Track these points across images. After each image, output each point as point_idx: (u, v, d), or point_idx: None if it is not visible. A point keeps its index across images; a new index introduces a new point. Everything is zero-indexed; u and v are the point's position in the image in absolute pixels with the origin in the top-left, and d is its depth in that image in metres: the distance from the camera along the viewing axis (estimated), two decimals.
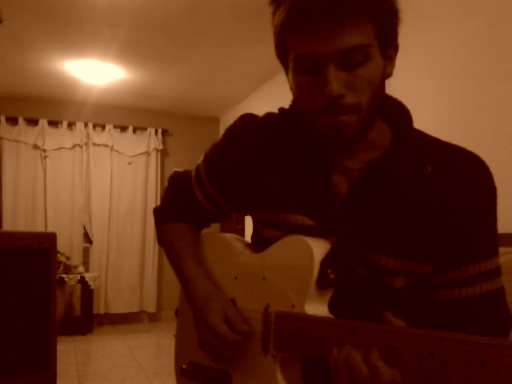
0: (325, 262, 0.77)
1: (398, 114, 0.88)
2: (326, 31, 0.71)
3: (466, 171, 0.82)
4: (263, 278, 0.85)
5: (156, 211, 1.08)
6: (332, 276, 0.76)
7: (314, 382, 0.82)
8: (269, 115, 0.95)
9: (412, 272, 0.80)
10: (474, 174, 0.82)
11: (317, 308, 0.78)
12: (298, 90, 0.80)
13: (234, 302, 0.90)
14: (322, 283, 0.77)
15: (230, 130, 0.96)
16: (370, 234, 0.79)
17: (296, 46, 0.75)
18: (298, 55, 0.75)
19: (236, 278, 0.91)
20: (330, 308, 0.79)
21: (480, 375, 0.57)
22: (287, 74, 0.84)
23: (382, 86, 0.80)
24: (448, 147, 0.85)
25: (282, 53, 0.82)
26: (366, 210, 0.80)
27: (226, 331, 0.82)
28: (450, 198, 0.80)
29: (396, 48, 0.81)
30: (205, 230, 1.08)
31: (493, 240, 0.83)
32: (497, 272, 0.82)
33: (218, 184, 0.97)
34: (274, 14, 0.79)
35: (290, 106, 0.90)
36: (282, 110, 0.92)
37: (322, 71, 0.74)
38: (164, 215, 1.06)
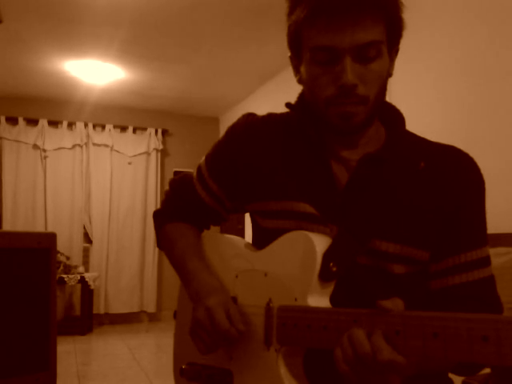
0: (327, 255, 0.79)
1: (393, 116, 0.93)
2: (349, 24, 0.77)
3: (456, 167, 0.87)
4: (265, 274, 0.86)
5: (156, 214, 1.09)
6: (334, 269, 0.79)
7: (315, 375, 0.83)
8: (270, 114, 1.00)
9: (411, 258, 0.84)
10: (464, 169, 0.87)
11: (319, 301, 0.79)
12: (311, 80, 0.84)
13: (235, 299, 0.90)
14: (325, 276, 0.79)
15: (233, 127, 1.00)
16: (370, 220, 0.83)
17: (317, 36, 0.79)
18: (317, 45, 0.80)
19: (237, 276, 0.92)
20: (332, 301, 0.81)
21: (483, 351, 0.58)
22: (298, 66, 0.88)
23: (386, 84, 0.86)
24: (438, 146, 0.91)
25: (297, 44, 0.85)
26: (366, 197, 0.84)
27: (223, 319, 0.83)
28: (443, 191, 0.85)
29: (396, 51, 0.87)
30: (204, 232, 1.08)
31: (483, 230, 0.88)
32: (487, 261, 0.87)
33: (221, 179, 0.99)
34: (292, 7, 0.83)
35: (297, 100, 0.94)
36: (288, 104, 0.95)
37: (338, 62, 0.79)
38: (165, 216, 1.06)
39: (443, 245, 0.85)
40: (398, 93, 2.89)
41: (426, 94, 2.93)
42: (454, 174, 0.86)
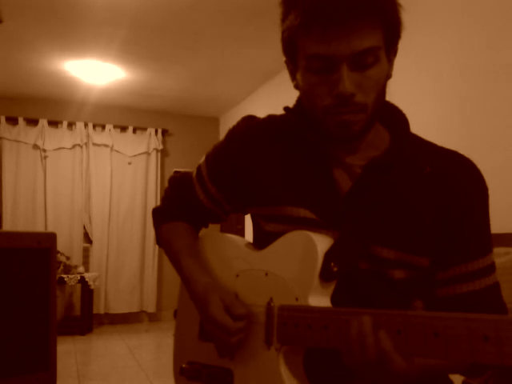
0: (328, 255, 0.79)
1: (396, 118, 0.91)
2: (346, 32, 0.74)
3: (461, 173, 0.86)
4: (266, 274, 0.86)
5: (155, 211, 1.09)
6: (335, 269, 0.78)
7: (316, 375, 0.83)
8: (270, 116, 0.99)
9: (411, 264, 0.83)
10: (468, 176, 0.86)
11: (320, 300, 0.79)
12: (307, 88, 0.82)
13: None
14: (326, 276, 0.79)
15: (233, 130, 1.00)
16: (371, 226, 0.82)
17: (312, 45, 0.77)
18: (312, 54, 0.77)
19: (238, 276, 0.92)
20: (333, 301, 0.81)
21: (484, 351, 0.58)
22: (294, 71, 0.86)
23: (385, 87, 0.84)
24: (443, 151, 0.90)
25: (291, 51, 0.83)
26: (369, 203, 0.83)
27: (227, 320, 0.83)
28: (447, 197, 0.84)
29: (395, 52, 0.85)
30: (204, 231, 1.08)
31: (488, 237, 0.87)
32: (492, 268, 0.86)
33: (220, 182, 0.99)
34: (285, 13, 0.81)
35: (295, 104, 0.93)
36: (287, 108, 0.94)
37: (334, 71, 0.77)
38: (163, 214, 1.06)
39: (448, 253, 0.84)
40: (395, 93, 2.89)
41: (424, 94, 2.93)
42: (459, 181, 0.85)
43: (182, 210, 1.04)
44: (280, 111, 0.98)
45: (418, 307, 0.68)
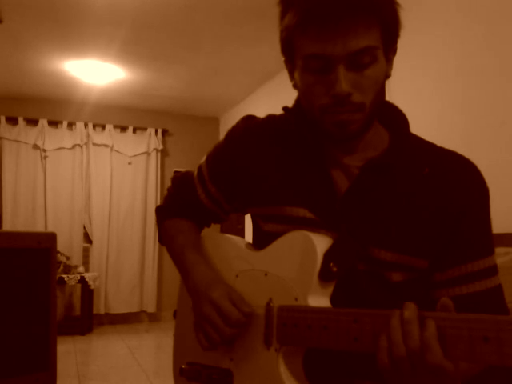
0: (327, 255, 0.79)
1: (396, 118, 0.91)
2: (342, 32, 0.74)
3: (460, 174, 0.85)
4: (265, 274, 0.86)
5: (158, 209, 1.10)
6: (334, 269, 0.78)
7: (315, 375, 0.83)
8: (270, 116, 0.99)
9: (409, 266, 0.83)
10: (468, 176, 0.86)
11: (319, 301, 0.79)
12: (305, 88, 0.82)
13: None
14: (325, 276, 0.78)
15: (232, 130, 1.00)
16: (369, 228, 0.82)
17: (308, 45, 0.77)
18: (309, 54, 0.77)
19: (237, 276, 0.92)
20: (332, 301, 0.81)
21: (484, 352, 0.58)
22: (292, 71, 0.86)
23: (384, 86, 0.84)
24: (442, 151, 0.89)
25: (289, 51, 0.83)
26: (366, 205, 0.83)
27: (231, 308, 0.82)
28: (446, 198, 0.83)
29: (395, 51, 0.85)
30: (204, 231, 1.09)
31: (489, 238, 0.86)
32: (494, 270, 0.84)
33: (220, 182, 1.00)
34: (283, 12, 0.81)
35: (294, 104, 0.93)
36: (285, 108, 0.95)
37: (331, 71, 0.77)
38: (166, 212, 1.07)
39: (447, 254, 0.83)
40: (395, 93, 2.89)
41: (424, 93, 2.93)
42: (458, 181, 0.84)
43: (184, 208, 1.05)
44: (280, 111, 0.98)
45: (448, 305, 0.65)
